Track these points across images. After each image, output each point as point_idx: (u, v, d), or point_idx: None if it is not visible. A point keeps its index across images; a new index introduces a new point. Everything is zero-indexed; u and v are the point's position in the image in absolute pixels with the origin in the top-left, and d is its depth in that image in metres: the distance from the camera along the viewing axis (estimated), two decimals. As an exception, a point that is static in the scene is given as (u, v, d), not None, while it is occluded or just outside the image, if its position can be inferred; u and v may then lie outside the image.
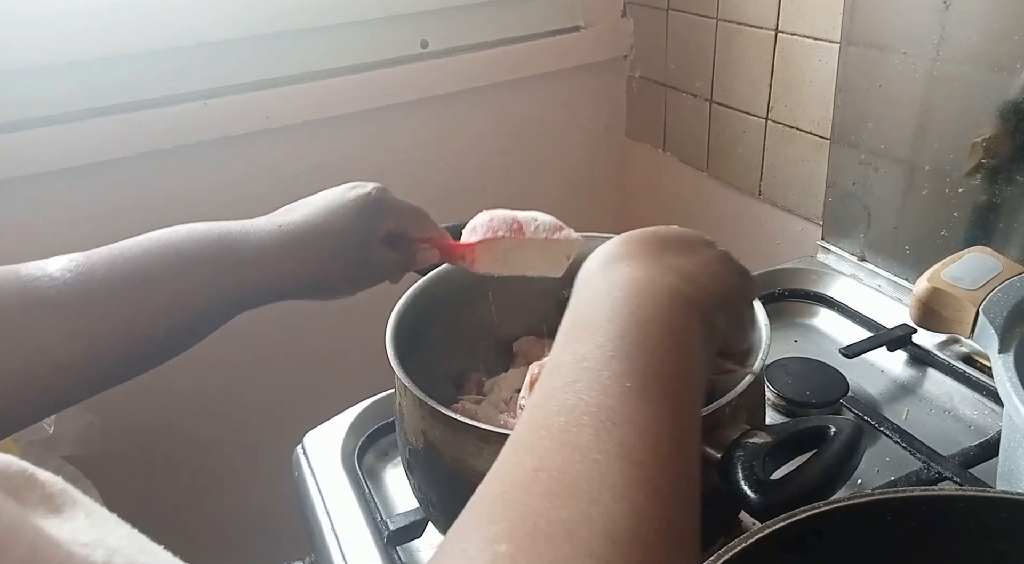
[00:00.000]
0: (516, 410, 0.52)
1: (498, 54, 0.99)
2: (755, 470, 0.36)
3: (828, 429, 0.38)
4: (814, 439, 0.38)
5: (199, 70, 0.84)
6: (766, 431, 0.39)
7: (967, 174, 0.66)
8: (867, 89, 0.74)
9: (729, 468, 0.38)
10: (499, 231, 0.51)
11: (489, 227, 0.52)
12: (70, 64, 0.78)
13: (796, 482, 0.36)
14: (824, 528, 0.35)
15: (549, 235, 0.52)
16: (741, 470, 0.37)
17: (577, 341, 0.31)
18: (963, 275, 0.49)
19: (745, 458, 0.37)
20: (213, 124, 0.86)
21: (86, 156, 0.80)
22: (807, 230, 0.88)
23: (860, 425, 0.38)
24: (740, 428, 0.39)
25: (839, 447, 0.37)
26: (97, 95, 0.80)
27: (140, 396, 0.92)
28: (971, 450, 0.57)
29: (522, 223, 0.52)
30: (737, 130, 0.94)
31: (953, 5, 0.64)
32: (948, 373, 0.66)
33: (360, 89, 0.92)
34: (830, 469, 0.36)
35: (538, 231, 0.52)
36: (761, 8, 0.85)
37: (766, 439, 0.38)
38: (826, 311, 0.77)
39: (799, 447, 0.39)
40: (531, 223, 0.53)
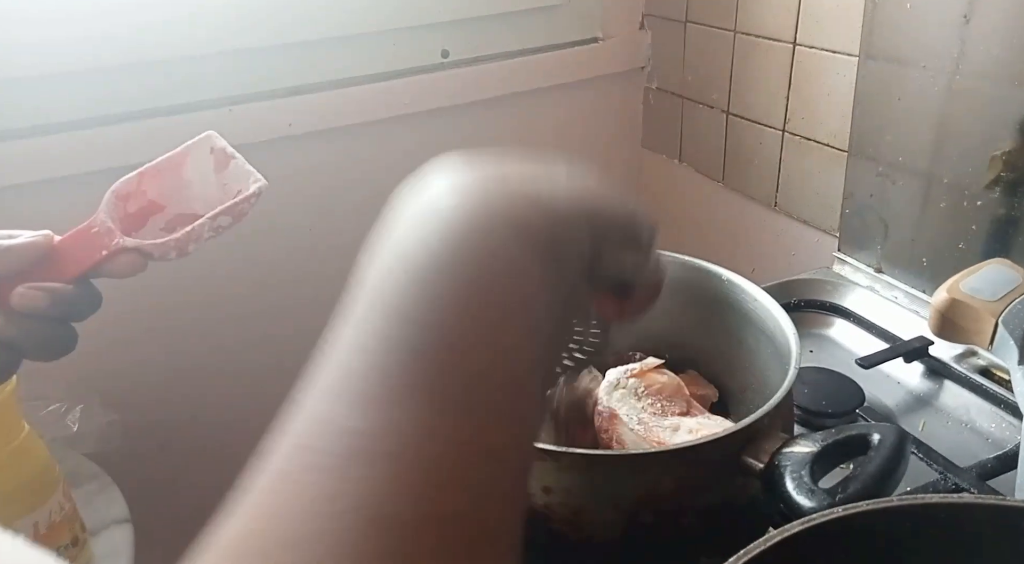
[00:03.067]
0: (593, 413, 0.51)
1: (517, 64, 1.00)
2: (804, 479, 0.37)
3: (871, 436, 0.39)
4: (857, 447, 0.39)
5: (224, 77, 0.85)
6: (808, 440, 0.39)
7: (986, 187, 0.66)
8: (886, 102, 0.74)
9: (776, 478, 0.38)
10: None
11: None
12: (97, 70, 0.79)
13: (851, 489, 0.36)
14: (843, 533, 0.36)
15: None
16: (790, 479, 0.37)
17: (355, 319, 0.24)
18: (982, 287, 0.50)
19: (793, 468, 0.38)
20: (237, 130, 0.87)
21: (113, 160, 0.82)
22: (823, 242, 0.89)
23: (904, 431, 0.38)
24: (780, 438, 0.40)
25: (887, 452, 0.37)
26: (123, 100, 0.82)
27: (161, 396, 0.93)
28: (989, 462, 0.57)
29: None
30: (754, 142, 0.94)
31: (973, 19, 0.64)
32: (965, 385, 0.66)
33: (381, 98, 0.93)
34: (882, 474, 0.37)
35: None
36: (779, 21, 0.86)
37: (811, 448, 0.38)
38: (842, 322, 0.78)
39: (841, 455, 0.39)
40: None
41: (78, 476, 0.75)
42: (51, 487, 0.63)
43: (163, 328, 0.92)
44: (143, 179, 0.48)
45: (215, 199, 0.48)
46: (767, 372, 0.53)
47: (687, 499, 0.42)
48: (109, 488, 0.74)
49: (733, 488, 0.42)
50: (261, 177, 0.48)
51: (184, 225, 0.46)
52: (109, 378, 0.88)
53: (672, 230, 1.14)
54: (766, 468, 0.39)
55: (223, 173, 0.49)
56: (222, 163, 0.49)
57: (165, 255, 0.45)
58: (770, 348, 0.52)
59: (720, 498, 0.42)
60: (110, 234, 0.44)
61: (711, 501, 0.42)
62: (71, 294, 0.42)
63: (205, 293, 0.92)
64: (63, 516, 0.64)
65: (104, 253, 0.44)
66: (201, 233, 0.46)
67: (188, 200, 0.49)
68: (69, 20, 0.76)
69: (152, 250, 0.45)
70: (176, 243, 0.45)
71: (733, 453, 0.41)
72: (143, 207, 0.48)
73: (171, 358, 0.93)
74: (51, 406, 0.75)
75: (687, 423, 0.50)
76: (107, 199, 0.46)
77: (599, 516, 0.41)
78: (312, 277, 0.98)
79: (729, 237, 1.03)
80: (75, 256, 0.44)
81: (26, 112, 0.77)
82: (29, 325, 0.41)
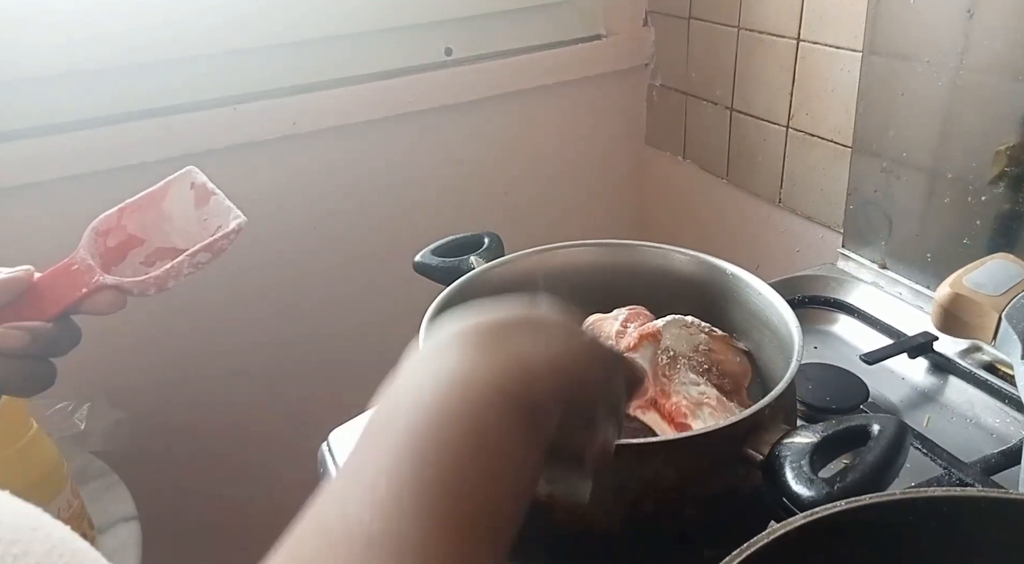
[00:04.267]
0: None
1: (520, 62, 1.00)
2: (804, 469, 0.37)
3: (871, 427, 0.39)
4: (856, 438, 0.39)
5: (229, 76, 0.86)
6: (808, 431, 0.40)
7: (990, 182, 0.66)
8: (889, 98, 0.74)
9: (776, 468, 0.39)
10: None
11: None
12: (103, 70, 0.80)
13: (850, 478, 0.37)
14: (847, 526, 0.36)
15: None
16: (790, 469, 0.38)
17: (368, 445, 0.29)
18: (985, 281, 0.50)
19: (793, 458, 0.38)
20: (242, 129, 0.88)
21: (119, 160, 0.82)
22: (827, 238, 0.89)
23: (903, 422, 0.39)
24: (781, 429, 0.40)
25: (886, 443, 0.37)
26: (129, 100, 0.82)
27: (168, 394, 0.94)
28: (993, 457, 0.57)
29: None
30: (757, 138, 0.94)
31: (977, 14, 0.64)
32: (970, 381, 0.66)
33: (385, 96, 0.94)
34: (881, 464, 0.37)
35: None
36: (783, 17, 0.86)
37: (811, 439, 0.39)
38: (846, 318, 0.78)
39: (841, 446, 0.40)
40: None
41: (85, 474, 0.75)
42: (59, 484, 0.64)
43: (170, 327, 0.92)
44: (123, 215, 0.48)
45: (195, 234, 0.48)
46: (770, 366, 0.53)
47: (689, 489, 0.42)
48: (116, 486, 0.75)
49: (735, 478, 0.42)
50: (241, 214, 0.49)
51: (163, 259, 0.47)
52: (117, 376, 0.89)
53: (676, 227, 1.14)
54: (767, 458, 0.39)
55: (203, 208, 0.50)
56: (203, 198, 0.50)
57: (144, 292, 0.45)
58: (774, 341, 0.52)
59: (722, 488, 0.42)
60: (90, 271, 0.44)
61: (713, 491, 0.42)
62: (51, 332, 0.43)
63: (211, 292, 0.93)
64: (71, 513, 0.64)
65: (84, 290, 0.44)
66: (180, 270, 0.46)
67: (168, 235, 0.49)
68: (74, 20, 0.77)
69: (131, 287, 0.45)
70: (155, 280, 0.45)
71: (735, 444, 0.41)
72: (123, 242, 0.48)
73: (178, 357, 0.94)
74: (59, 404, 0.76)
75: (709, 390, 0.49)
76: (87, 236, 0.46)
77: (601, 506, 0.41)
78: (316, 274, 0.99)
79: (733, 234, 1.03)
80: (55, 293, 0.44)
81: (32, 112, 0.78)
82: (9, 363, 0.42)
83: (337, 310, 1.01)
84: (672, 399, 0.48)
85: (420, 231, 1.00)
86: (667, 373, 0.50)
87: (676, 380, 0.50)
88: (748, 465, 0.41)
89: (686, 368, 0.51)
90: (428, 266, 0.64)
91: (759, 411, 0.41)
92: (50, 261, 0.46)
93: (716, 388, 0.52)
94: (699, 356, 0.53)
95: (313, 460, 0.64)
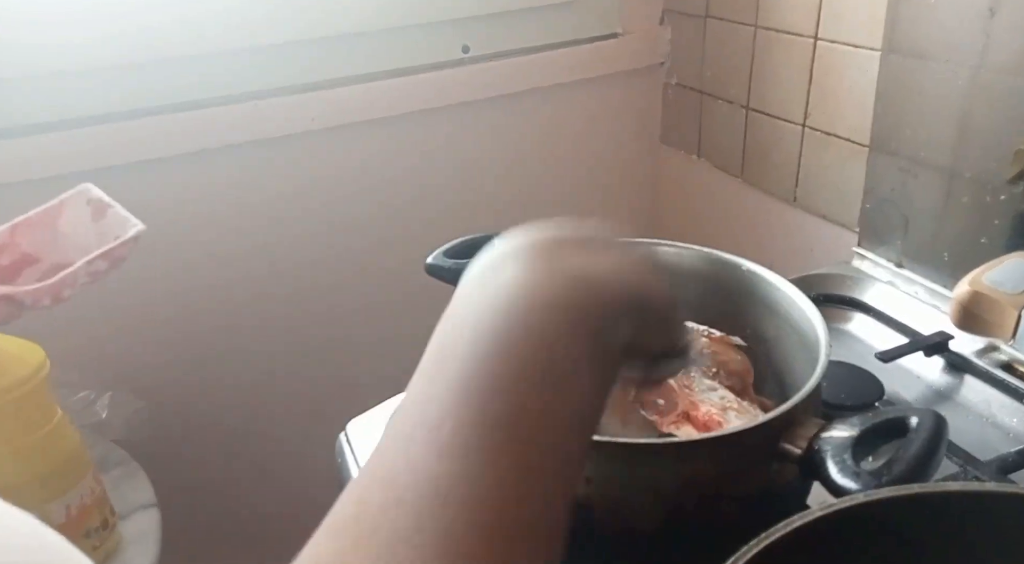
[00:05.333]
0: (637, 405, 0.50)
1: (537, 60, 1.01)
2: (847, 462, 0.37)
3: (909, 419, 0.39)
4: (895, 430, 0.39)
5: (249, 73, 0.87)
6: (846, 425, 0.40)
7: (1009, 181, 0.66)
8: (908, 97, 0.74)
9: (818, 462, 0.39)
10: None
11: None
12: (125, 65, 0.81)
13: (896, 470, 0.37)
14: (864, 519, 0.36)
15: None
16: (833, 463, 0.38)
17: (431, 373, 0.27)
18: (1004, 279, 0.50)
19: (834, 452, 0.38)
20: (261, 125, 0.88)
21: (139, 154, 0.84)
22: (842, 237, 0.89)
23: (940, 414, 0.39)
24: (816, 424, 0.41)
25: (927, 434, 0.38)
26: (148, 95, 0.83)
27: (187, 384, 0.95)
28: (1010, 456, 0.57)
29: None
30: (773, 137, 0.94)
31: (999, 13, 0.64)
32: (986, 380, 0.66)
33: (403, 92, 0.94)
34: (925, 455, 0.37)
35: None
36: (800, 16, 0.86)
37: (850, 432, 0.39)
38: (861, 316, 0.78)
39: (880, 439, 0.40)
40: None
41: (106, 462, 0.76)
42: (82, 470, 0.65)
43: (191, 321, 0.93)
44: (16, 231, 0.48)
45: (93, 248, 0.48)
46: (790, 361, 0.53)
47: (727, 486, 0.42)
48: (136, 474, 0.76)
49: (770, 474, 0.43)
50: (139, 222, 0.48)
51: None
52: (138, 367, 0.90)
53: (691, 225, 1.14)
54: (805, 453, 0.40)
55: (101, 222, 0.50)
56: (99, 212, 0.50)
57: (39, 302, 0.45)
58: (794, 337, 0.52)
59: (758, 485, 0.43)
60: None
61: (749, 488, 0.42)
62: None
63: (231, 285, 0.94)
64: (93, 499, 0.65)
65: None
66: (76, 278, 0.46)
67: (65, 251, 0.49)
68: (95, 16, 0.78)
69: (24, 297, 0.45)
70: (49, 289, 0.45)
71: (772, 439, 0.41)
72: (16, 260, 0.48)
73: (198, 349, 0.95)
74: (81, 393, 0.77)
75: (726, 393, 0.50)
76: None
77: (640, 506, 0.41)
78: (333, 269, 1.00)
79: (748, 232, 1.03)
80: None
81: (50, 107, 0.79)
82: None
83: (354, 304, 1.02)
84: (702, 409, 0.48)
85: (436, 225, 1.01)
86: (688, 384, 0.50)
87: (696, 389, 0.50)
88: (784, 460, 0.41)
89: (700, 375, 0.52)
90: (440, 268, 0.65)
91: (795, 406, 0.42)
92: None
93: (729, 389, 0.52)
94: (706, 360, 0.53)
95: (331, 450, 0.65)
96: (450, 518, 0.23)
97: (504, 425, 0.25)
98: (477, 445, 0.25)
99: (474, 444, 0.25)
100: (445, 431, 0.25)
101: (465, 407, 0.25)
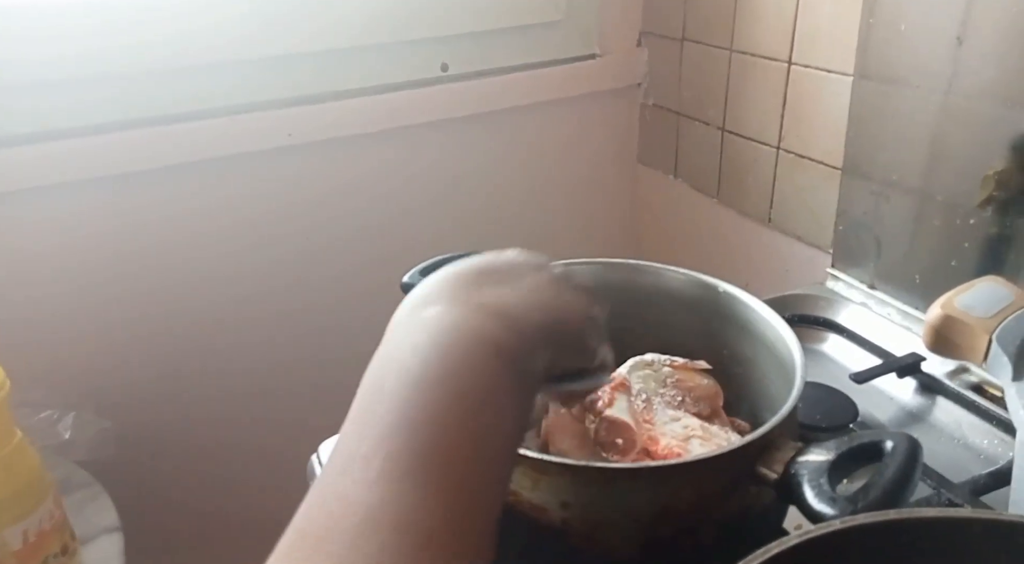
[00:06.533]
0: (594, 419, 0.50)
1: (515, 79, 1.01)
2: (824, 487, 0.37)
3: (884, 443, 0.39)
4: (870, 454, 0.39)
5: (224, 87, 0.86)
6: (821, 448, 0.39)
7: (979, 206, 0.67)
8: (879, 121, 0.75)
9: (794, 486, 0.38)
10: None
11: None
12: (99, 78, 0.80)
13: (872, 495, 0.36)
14: (840, 546, 0.36)
15: None
16: (809, 487, 0.37)
17: (363, 409, 0.30)
18: (975, 304, 0.50)
19: (810, 476, 0.38)
20: (237, 139, 0.87)
21: (114, 167, 0.82)
22: (816, 258, 0.90)
23: (914, 438, 0.39)
24: (792, 447, 0.40)
25: (902, 459, 0.37)
26: (123, 109, 0.82)
27: (154, 403, 0.93)
28: (982, 478, 0.58)
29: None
30: (748, 158, 0.95)
31: (967, 41, 0.65)
32: (958, 401, 0.67)
33: (381, 109, 0.94)
34: (901, 480, 0.37)
35: None
36: (775, 40, 0.88)
37: (826, 456, 0.39)
38: (835, 337, 0.78)
39: (855, 463, 0.40)
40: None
41: (69, 484, 0.74)
42: (42, 495, 0.63)
43: (158, 337, 0.91)
44: None
45: None
46: (765, 382, 0.54)
47: (704, 511, 0.42)
48: (100, 496, 0.74)
49: (747, 498, 0.42)
50: None
51: None
52: (103, 386, 0.88)
53: (667, 245, 1.15)
54: (782, 477, 0.39)
55: None
56: None
57: None
58: (770, 359, 0.52)
59: (735, 509, 0.42)
60: None
61: (726, 512, 0.42)
62: None
63: (200, 302, 0.92)
64: (53, 524, 0.63)
65: None
66: None
67: None
68: (71, 29, 0.76)
69: None
70: None
71: (748, 463, 0.41)
72: None
73: (165, 367, 0.93)
74: (43, 413, 0.75)
75: (690, 421, 0.50)
76: None
77: (617, 530, 0.41)
78: (306, 286, 0.99)
79: (723, 253, 1.03)
80: None
81: (27, 119, 0.77)
82: None
83: (327, 322, 1.01)
84: (661, 443, 0.48)
85: (413, 243, 1.00)
86: (647, 418, 0.50)
87: (658, 422, 0.50)
88: (760, 484, 0.41)
89: (662, 406, 0.52)
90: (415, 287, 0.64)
91: (772, 429, 0.41)
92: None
93: (695, 416, 0.52)
94: (670, 390, 0.53)
95: (302, 472, 0.63)
96: (381, 542, 0.24)
97: (431, 452, 0.27)
98: (406, 471, 0.26)
99: (403, 470, 0.26)
100: (375, 462, 0.26)
101: (394, 439, 0.27)
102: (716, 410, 0.54)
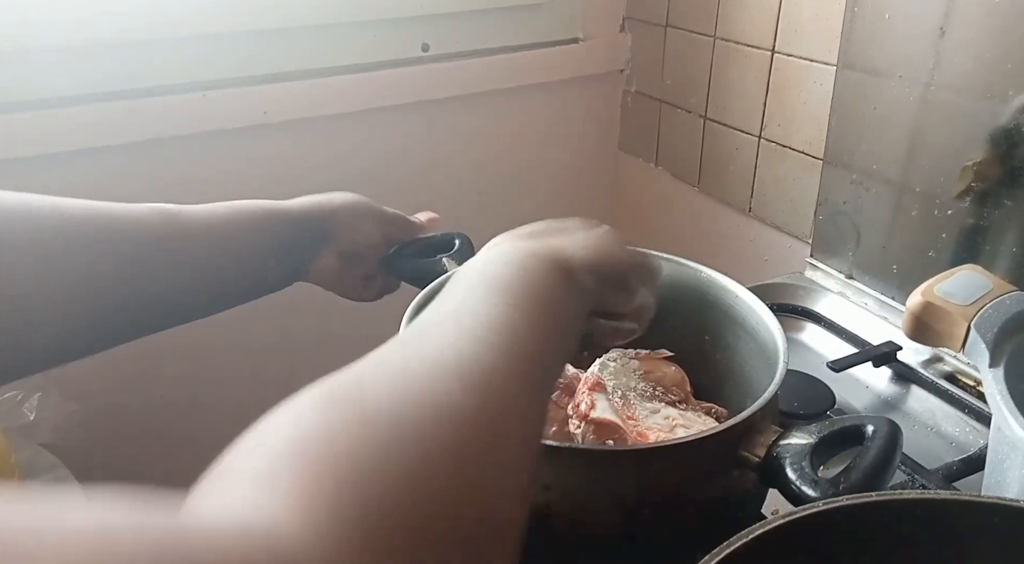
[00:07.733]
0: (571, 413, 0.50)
1: (497, 61, 1.00)
2: (806, 470, 0.38)
3: (865, 427, 0.40)
4: (851, 438, 0.40)
5: (199, 61, 0.84)
6: (803, 432, 0.40)
7: (956, 197, 0.68)
8: (861, 111, 0.76)
9: (776, 469, 0.39)
10: None
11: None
12: (71, 48, 0.77)
13: (853, 478, 0.37)
14: (822, 527, 0.36)
15: None
16: (792, 470, 0.38)
17: (445, 298, 0.35)
18: (955, 291, 0.51)
19: (792, 459, 0.39)
20: (210, 116, 0.85)
21: (83, 141, 0.79)
22: (795, 247, 0.90)
23: (895, 423, 0.39)
24: (774, 431, 0.41)
25: (883, 442, 0.38)
26: (97, 81, 0.79)
27: (123, 386, 0.91)
28: (955, 465, 0.58)
29: None
30: (730, 147, 0.95)
31: (948, 33, 0.66)
32: (931, 390, 0.68)
33: (359, 89, 0.92)
34: (881, 463, 0.38)
35: None
36: (759, 29, 0.87)
37: (808, 439, 0.39)
38: (813, 326, 0.79)
39: (836, 446, 0.40)
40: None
41: (34, 467, 0.72)
42: (5, 477, 0.61)
43: (126, 317, 0.89)
44: None
45: None
46: (747, 368, 0.54)
47: (686, 493, 0.42)
48: (66, 480, 0.72)
49: (729, 481, 0.43)
50: None
51: None
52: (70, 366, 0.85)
53: (647, 233, 1.15)
54: (764, 460, 0.40)
55: None
56: None
57: None
58: (751, 344, 0.52)
59: (717, 492, 0.43)
60: None
61: (708, 495, 0.42)
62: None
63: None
64: (17, 507, 0.61)
65: None
66: None
67: None
68: None
69: None
70: None
71: (731, 446, 0.42)
72: None
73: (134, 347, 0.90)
74: (7, 393, 0.72)
75: (668, 411, 0.50)
76: None
77: (599, 512, 0.41)
78: (283, 269, 0.97)
79: (703, 241, 1.03)
80: None
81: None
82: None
83: (300, 304, 0.99)
84: (651, 437, 0.48)
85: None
86: (630, 414, 0.50)
87: (640, 417, 0.50)
88: (743, 467, 0.41)
89: (639, 399, 0.52)
90: (394, 264, 0.64)
91: (754, 413, 0.42)
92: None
93: (671, 406, 0.52)
94: (640, 383, 0.53)
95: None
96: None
97: (508, 324, 0.31)
98: (485, 335, 0.30)
99: (482, 334, 0.30)
100: (464, 323, 0.31)
101: (478, 309, 0.32)
102: (686, 396, 0.54)
